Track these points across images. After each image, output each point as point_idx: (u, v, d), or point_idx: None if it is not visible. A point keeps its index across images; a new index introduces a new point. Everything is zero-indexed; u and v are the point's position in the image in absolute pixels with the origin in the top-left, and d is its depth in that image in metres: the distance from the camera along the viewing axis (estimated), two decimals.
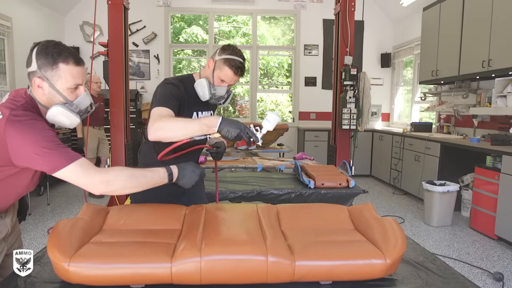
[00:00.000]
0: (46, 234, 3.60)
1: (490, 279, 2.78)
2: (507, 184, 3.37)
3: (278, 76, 8.02)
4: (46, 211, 4.40)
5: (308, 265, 1.18)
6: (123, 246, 1.24)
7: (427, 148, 4.71)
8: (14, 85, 5.13)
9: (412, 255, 1.45)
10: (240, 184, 2.98)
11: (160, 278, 1.13)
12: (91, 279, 1.12)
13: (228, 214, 1.53)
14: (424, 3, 5.42)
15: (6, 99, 1.21)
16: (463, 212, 4.36)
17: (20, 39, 5.25)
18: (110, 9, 3.98)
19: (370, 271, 1.20)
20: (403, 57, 6.90)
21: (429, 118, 6.19)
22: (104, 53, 4.21)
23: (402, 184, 5.40)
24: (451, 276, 1.28)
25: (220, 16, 7.47)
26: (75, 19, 6.59)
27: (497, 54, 3.85)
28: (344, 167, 3.14)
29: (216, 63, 1.69)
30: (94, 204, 1.53)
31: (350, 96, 4.39)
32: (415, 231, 3.86)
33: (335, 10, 4.61)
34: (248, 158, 4.78)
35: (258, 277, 1.16)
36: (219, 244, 1.21)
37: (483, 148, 3.74)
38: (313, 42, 6.97)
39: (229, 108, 8.10)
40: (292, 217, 1.58)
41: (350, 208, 1.66)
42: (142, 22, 6.65)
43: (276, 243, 1.23)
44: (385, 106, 7.27)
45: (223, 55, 1.67)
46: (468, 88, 4.67)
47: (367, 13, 6.14)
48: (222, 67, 1.67)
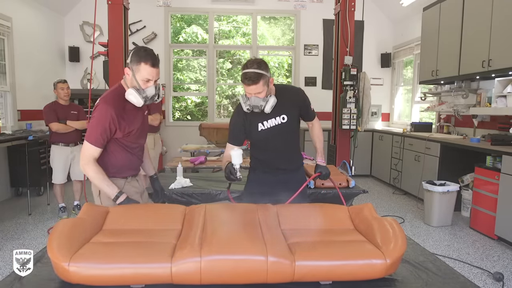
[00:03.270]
0: (46, 234, 3.60)
1: (490, 279, 2.78)
2: (507, 184, 3.37)
3: (278, 76, 8.01)
4: (46, 211, 4.40)
5: (308, 265, 1.18)
6: (123, 246, 1.24)
7: (427, 148, 4.70)
8: (14, 85, 5.13)
9: (412, 255, 1.45)
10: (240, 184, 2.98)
11: (160, 278, 1.13)
12: (91, 279, 1.12)
13: (228, 214, 1.53)
14: (424, 3, 5.42)
15: None
16: (463, 212, 4.36)
17: (20, 39, 5.25)
18: (110, 9, 3.98)
19: (370, 271, 1.20)
20: (403, 57, 6.90)
21: (429, 118, 6.19)
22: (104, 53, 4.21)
23: (402, 184, 5.39)
24: (451, 276, 1.28)
25: (220, 16, 7.47)
26: (75, 19, 6.59)
27: (497, 54, 3.85)
28: (344, 167, 3.14)
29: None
30: (94, 204, 1.53)
31: (350, 96, 4.39)
32: (415, 231, 3.86)
33: (335, 10, 4.61)
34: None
35: (258, 277, 1.16)
36: (219, 244, 1.21)
37: (483, 148, 3.74)
38: (313, 42, 6.97)
39: (229, 108, 8.10)
40: (292, 217, 1.58)
41: (350, 208, 1.66)
42: (142, 22, 6.65)
43: (276, 243, 1.23)
44: (385, 106, 7.27)
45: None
46: (468, 88, 4.66)
47: (367, 13, 6.13)
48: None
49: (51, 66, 6.20)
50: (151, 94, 1.76)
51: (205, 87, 7.29)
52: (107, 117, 1.70)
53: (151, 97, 1.76)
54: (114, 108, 1.72)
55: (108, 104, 1.72)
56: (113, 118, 1.71)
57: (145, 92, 1.74)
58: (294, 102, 2.09)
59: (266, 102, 1.90)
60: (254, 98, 1.87)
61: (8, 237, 3.52)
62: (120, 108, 1.75)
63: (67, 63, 6.63)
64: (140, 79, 1.72)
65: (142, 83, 1.73)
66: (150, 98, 1.77)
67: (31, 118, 5.50)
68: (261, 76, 1.84)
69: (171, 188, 2.78)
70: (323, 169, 2.20)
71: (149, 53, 1.73)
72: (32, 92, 5.60)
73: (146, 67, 1.70)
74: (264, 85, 1.88)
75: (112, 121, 1.71)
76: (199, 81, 7.89)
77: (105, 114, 1.71)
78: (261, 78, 1.84)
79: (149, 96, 1.76)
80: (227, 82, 8.04)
